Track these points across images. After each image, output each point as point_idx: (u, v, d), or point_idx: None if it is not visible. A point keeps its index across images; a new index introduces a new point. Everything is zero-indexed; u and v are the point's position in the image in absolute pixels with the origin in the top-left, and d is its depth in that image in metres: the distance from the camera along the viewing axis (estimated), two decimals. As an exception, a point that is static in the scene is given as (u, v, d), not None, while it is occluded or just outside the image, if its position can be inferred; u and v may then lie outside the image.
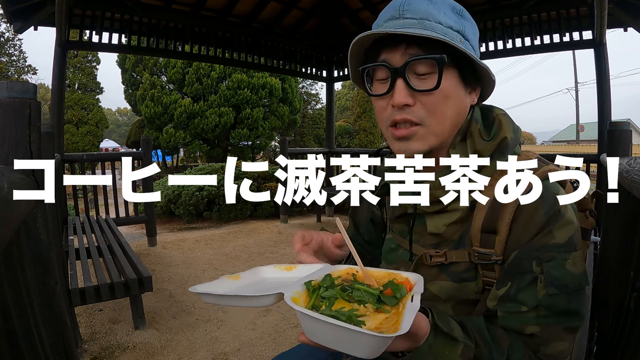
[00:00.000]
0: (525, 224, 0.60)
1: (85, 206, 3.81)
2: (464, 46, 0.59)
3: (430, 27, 0.59)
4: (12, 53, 15.55)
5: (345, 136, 17.16)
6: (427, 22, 0.59)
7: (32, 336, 0.80)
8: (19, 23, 3.49)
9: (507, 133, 0.64)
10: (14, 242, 0.78)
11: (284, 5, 4.59)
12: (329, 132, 5.84)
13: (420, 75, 0.60)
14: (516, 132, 0.66)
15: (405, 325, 0.41)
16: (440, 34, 0.58)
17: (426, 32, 0.57)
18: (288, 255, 3.69)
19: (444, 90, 0.60)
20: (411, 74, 0.61)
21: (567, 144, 27.62)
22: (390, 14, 0.62)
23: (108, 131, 33.29)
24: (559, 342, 0.59)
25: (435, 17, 0.60)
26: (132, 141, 15.42)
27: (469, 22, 0.64)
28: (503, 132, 0.64)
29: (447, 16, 0.61)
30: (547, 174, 0.62)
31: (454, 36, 0.60)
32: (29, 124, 0.96)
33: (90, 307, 2.43)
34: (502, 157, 0.64)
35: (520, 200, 0.60)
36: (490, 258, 0.63)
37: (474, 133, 0.65)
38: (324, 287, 0.52)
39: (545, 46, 3.70)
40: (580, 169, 2.69)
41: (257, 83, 12.90)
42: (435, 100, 0.60)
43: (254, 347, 2.05)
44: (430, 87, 0.59)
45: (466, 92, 0.64)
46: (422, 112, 0.61)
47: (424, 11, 0.60)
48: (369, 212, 0.87)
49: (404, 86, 0.60)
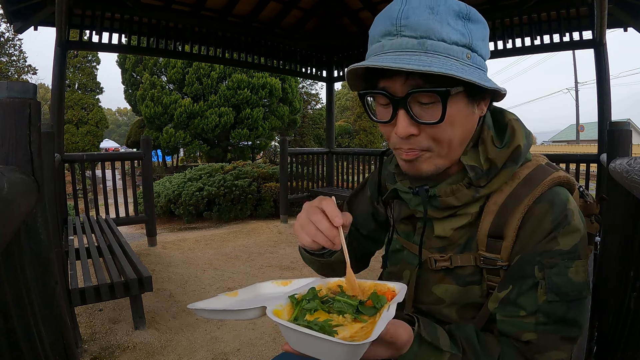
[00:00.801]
0: (533, 230, 0.60)
1: (85, 206, 3.81)
2: (471, 61, 0.56)
3: (432, 48, 0.54)
4: (12, 53, 15.56)
5: (345, 136, 17.16)
6: (429, 42, 0.54)
7: (32, 336, 0.80)
8: (19, 23, 3.48)
9: (520, 141, 0.62)
10: (14, 242, 0.78)
11: (284, 5, 4.59)
12: (329, 132, 5.84)
13: (424, 104, 0.57)
14: (528, 138, 0.64)
15: (375, 332, 0.43)
16: (444, 56, 0.54)
17: (427, 67, 0.51)
18: (288, 255, 3.69)
19: (449, 118, 0.57)
20: (414, 103, 0.57)
21: (567, 144, 27.62)
22: (387, 28, 0.56)
23: (108, 131, 33.30)
24: (555, 352, 0.59)
25: (437, 34, 0.54)
26: (132, 141, 15.42)
27: (477, 24, 0.58)
28: (517, 140, 0.62)
29: (451, 27, 0.54)
30: (557, 180, 0.62)
31: (459, 53, 0.55)
32: (29, 124, 0.96)
33: (90, 307, 2.44)
34: (515, 165, 0.62)
35: (529, 206, 0.60)
36: (496, 263, 0.63)
37: (487, 140, 0.63)
38: (307, 300, 0.54)
39: (545, 46, 3.70)
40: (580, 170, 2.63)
41: (257, 83, 12.90)
42: (440, 129, 0.58)
43: (254, 347, 2.05)
44: (434, 119, 0.56)
45: (473, 108, 0.60)
46: (427, 141, 0.59)
47: (424, 26, 0.54)
48: (370, 207, 0.86)
49: (406, 117, 0.57)
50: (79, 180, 8.09)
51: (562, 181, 0.63)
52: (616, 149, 2.12)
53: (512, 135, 0.63)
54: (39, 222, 1.01)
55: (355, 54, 5.34)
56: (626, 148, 2.10)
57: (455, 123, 0.58)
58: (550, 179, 0.61)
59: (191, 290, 2.81)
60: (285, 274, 3.17)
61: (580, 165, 3.45)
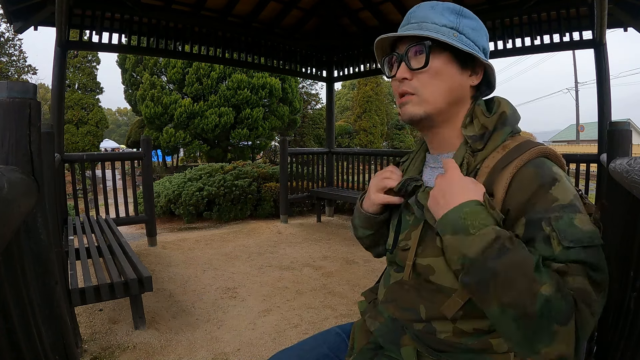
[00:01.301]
0: (521, 187, 0.65)
1: (85, 206, 3.81)
2: (457, 39, 0.73)
3: (426, 27, 0.74)
4: (12, 53, 15.54)
5: (345, 136, 17.16)
6: (424, 24, 0.75)
7: (32, 336, 0.80)
8: (19, 23, 3.48)
9: (505, 109, 0.75)
10: (14, 242, 0.78)
11: (284, 5, 4.59)
12: (329, 132, 5.84)
13: (416, 56, 0.75)
14: (514, 112, 0.77)
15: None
16: (432, 32, 0.73)
17: (415, 31, 0.73)
18: (288, 256, 3.69)
19: (433, 68, 0.74)
20: (411, 56, 0.76)
21: (567, 144, 27.61)
22: (403, 22, 0.80)
23: (108, 131, 33.30)
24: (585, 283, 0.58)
25: (431, 19, 0.75)
26: (132, 141, 15.43)
27: (469, 20, 0.76)
28: (502, 108, 0.75)
29: (443, 17, 0.74)
30: (547, 153, 0.69)
31: (447, 32, 0.73)
32: (29, 124, 0.96)
33: (90, 307, 2.44)
34: (504, 127, 0.74)
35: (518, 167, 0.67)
36: None
37: (478, 113, 0.76)
38: None
39: (545, 46, 3.70)
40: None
41: (257, 83, 12.90)
42: (426, 75, 0.75)
43: (254, 347, 2.05)
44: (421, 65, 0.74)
45: (462, 72, 0.75)
46: (416, 84, 0.75)
47: (423, 16, 0.75)
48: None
49: (403, 65, 0.76)
50: (79, 180, 8.09)
51: (549, 152, 0.70)
52: (616, 149, 2.11)
53: (498, 106, 0.77)
54: (39, 222, 1.01)
55: (356, 54, 5.34)
56: (626, 148, 2.10)
57: (439, 74, 0.74)
58: (538, 149, 0.69)
59: (191, 290, 2.81)
60: (285, 274, 3.18)
61: (580, 165, 3.45)
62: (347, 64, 5.50)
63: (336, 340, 0.94)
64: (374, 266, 3.37)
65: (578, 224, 0.61)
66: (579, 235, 0.60)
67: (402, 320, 0.77)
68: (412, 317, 0.76)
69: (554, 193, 0.63)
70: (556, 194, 0.63)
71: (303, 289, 2.84)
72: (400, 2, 4.36)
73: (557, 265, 0.60)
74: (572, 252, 0.59)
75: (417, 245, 0.76)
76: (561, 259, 0.60)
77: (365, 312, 0.88)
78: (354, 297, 2.68)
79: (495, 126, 0.74)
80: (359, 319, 0.92)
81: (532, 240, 0.63)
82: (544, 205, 0.63)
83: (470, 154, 0.74)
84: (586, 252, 0.60)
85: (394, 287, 0.81)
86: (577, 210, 0.62)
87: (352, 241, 4.21)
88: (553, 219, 0.61)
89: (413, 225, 0.79)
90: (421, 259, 0.75)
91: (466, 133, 0.75)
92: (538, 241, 0.62)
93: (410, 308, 0.76)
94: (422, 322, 0.74)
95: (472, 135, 0.74)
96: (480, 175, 0.71)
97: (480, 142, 0.73)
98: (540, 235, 0.62)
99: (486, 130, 0.74)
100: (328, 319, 2.37)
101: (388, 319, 0.80)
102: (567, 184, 0.65)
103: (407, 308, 0.77)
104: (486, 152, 0.73)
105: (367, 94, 17.44)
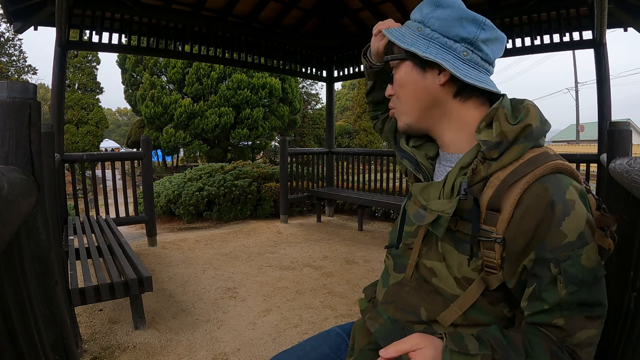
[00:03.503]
0: (530, 208, 0.61)
1: (85, 206, 3.81)
2: (420, 33, 0.71)
3: (404, 28, 0.75)
4: (12, 53, 15.55)
5: (345, 136, 17.16)
6: (406, 23, 0.76)
7: (32, 336, 0.80)
8: (19, 23, 3.48)
9: (533, 120, 0.66)
10: (14, 242, 0.78)
11: (284, 5, 4.59)
12: (329, 132, 5.84)
13: (393, 70, 0.77)
14: (543, 124, 0.68)
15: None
16: (396, 35, 0.73)
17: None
18: (288, 256, 3.69)
19: (397, 80, 0.75)
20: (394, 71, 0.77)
21: (567, 144, 27.61)
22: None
23: (108, 131, 33.30)
24: (583, 331, 0.61)
25: (412, 16, 0.74)
26: (132, 141, 15.43)
27: (442, 10, 0.70)
28: (529, 119, 0.66)
29: (420, 11, 0.73)
30: (562, 168, 0.64)
31: (414, 26, 0.72)
32: (29, 124, 0.96)
33: (90, 307, 2.44)
34: (526, 142, 0.65)
35: (529, 184, 0.62)
36: (491, 235, 0.65)
37: (500, 117, 0.67)
38: None
39: (545, 46, 3.70)
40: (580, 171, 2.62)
41: (257, 83, 12.91)
42: (397, 88, 0.76)
43: (254, 347, 2.05)
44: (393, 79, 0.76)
45: (425, 75, 0.72)
46: (394, 98, 0.78)
47: (412, 13, 0.75)
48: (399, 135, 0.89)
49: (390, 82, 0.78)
50: (79, 180, 8.10)
51: (564, 168, 0.64)
52: (616, 149, 2.11)
53: (526, 115, 0.67)
54: (39, 222, 1.01)
55: (355, 54, 5.34)
56: (626, 148, 2.10)
57: (403, 85, 0.74)
58: (554, 163, 0.63)
59: (191, 290, 2.81)
60: (285, 274, 3.17)
61: (580, 165, 3.45)
62: (347, 64, 5.49)
63: (337, 340, 0.94)
64: (374, 266, 3.37)
65: (584, 262, 0.60)
66: (583, 275, 0.60)
67: (402, 321, 0.77)
68: (412, 318, 0.75)
69: (564, 229, 0.60)
70: (567, 230, 0.60)
71: (303, 289, 2.84)
72: (400, 2, 4.36)
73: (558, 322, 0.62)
74: (575, 295, 0.60)
75: (422, 246, 0.75)
76: (566, 302, 0.61)
77: (365, 312, 0.88)
78: (354, 297, 2.68)
79: (517, 138, 0.65)
80: (359, 318, 0.92)
81: (539, 277, 0.62)
82: (553, 244, 0.61)
83: (481, 160, 0.67)
84: (590, 291, 0.61)
85: (394, 289, 0.80)
86: (586, 242, 0.60)
87: (352, 241, 4.21)
88: (561, 259, 0.60)
89: (420, 225, 0.76)
90: (425, 260, 0.75)
91: (479, 138, 0.67)
92: (546, 283, 0.62)
93: (411, 310, 0.76)
94: (422, 323, 0.74)
95: (486, 140, 0.66)
96: (489, 187, 0.66)
97: (495, 151, 0.65)
98: (548, 276, 0.62)
99: (505, 139, 0.65)
100: (328, 319, 2.37)
101: (388, 321, 0.79)
102: (579, 211, 0.60)
103: (407, 309, 0.76)
104: (500, 164, 0.65)
105: (367, 94, 17.41)
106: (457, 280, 0.70)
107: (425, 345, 0.63)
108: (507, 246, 0.64)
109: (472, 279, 0.68)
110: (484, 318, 0.69)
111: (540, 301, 0.63)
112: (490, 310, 0.69)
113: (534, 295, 0.63)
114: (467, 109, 0.72)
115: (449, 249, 0.70)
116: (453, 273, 0.70)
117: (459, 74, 0.67)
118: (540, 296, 0.63)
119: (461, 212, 0.68)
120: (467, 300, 0.69)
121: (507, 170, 0.65)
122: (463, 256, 0.68)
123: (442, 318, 0.71)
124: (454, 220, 0.69)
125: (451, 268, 0.70)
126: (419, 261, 0.76)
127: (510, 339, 0.63)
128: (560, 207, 0.60)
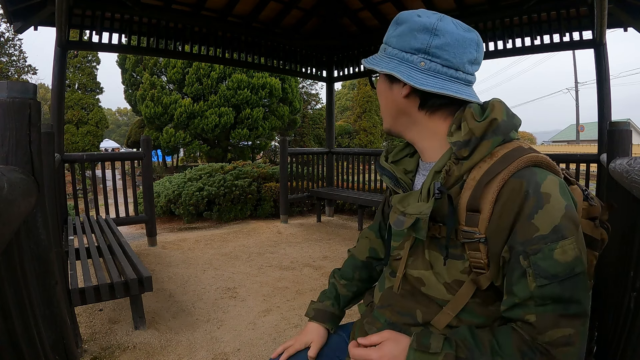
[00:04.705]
0: (507, 206, 0.62)
1: (85, 206, 3.81)
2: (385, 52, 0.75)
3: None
4: (12, 53, 15.54)
5: (345, 136, 17.16)
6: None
7: (32, 336, 0.80)
8: (19, 23, 3.48)
9: (498, 115, 0.67)
10: (14, 242, 0.78)
11: (284, 5, 4.59)
12: (329, 132, 5.84)
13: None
14: (510, 118, 0.69)
15: None
16: (380, 53, 0.77)
17: (367, 61, 0.77)
18: (288, 256, 3.69)
19: (377, 91, 0.81)
20: None
21: (567, 144, 27.62)
22: None
23: (108, 131, 33.30)
24: (556, 330, 0.60)
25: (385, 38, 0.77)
26: (132, 141, 15.43)
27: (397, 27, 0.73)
28: (494, 114, 0.68)
29: (387, 33, 0.76)
30: (537, 161, 0.64)
31: (381, 48, 0.77)
32: (29, 124, 0.96)
33: (90, 307, 2.44)
34: (494, 136, 0.66)
35: (504, 181, 0.63)
36: (474, 236, 0.65)
37: (468, 116, 0.69)
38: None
39: (545, 46, 3.70)
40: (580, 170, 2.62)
41: (257, 83, 12.90)
42: (378, 98, 0.82)
43: (254, 347, 2.05)
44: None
45: (392, 87, 0.76)
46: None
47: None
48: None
49: None
50: (79, 180, 8.09)
51: (539, 161, 0.65)
52: (616, 149, 2.11)
53: (492, 110, 0.68)
54: (39, 222, 1.01)
55: (355, 54, 5.34)
56: (626, 148, 2.10)
57: (380, 95, 0.80)
58: (527, 157, 0.64)
59: (191, 290, 2.81)
60: (285, 274, 3.18)
61: (580, 165, 3.45)
62: (347, 64, 5.49)
63: (337, 340, 0.94)
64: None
65: (558, 256, 0.59)
66: (556, 269, 0.59)
67: (399, 324, 0.77)
68: (408, 321, 0.76)
69: (535, 222, 0.60)
70: (538, 223, 0.60)
71: (303, 289, 2.84)
72: (400, 2, 4.36)
73: (530, 318, 0.61)
74: (546, 289, 0.59)
75: (408, 256, 0.76)
76: (537, 297, 0.60)
77: (364, 317, 0.88)
78: (354, 297, 2.68)
79: (485, 134, 0.67)
80: (359, 319, 0.92)
81: (512, 271, 0.63)
82: (524, 236, 0.61)
83: (454, 161, 0.69)
84: (562, 286, 0.59)
85: (389, 293, 0.81)
86: (561, 237, 0.59)
87: (352, 241, 4.21)
88: (531, 253, 0.60)
89: (407, 235, 0.78)
90: (412, 270, 0.75)
91: (451, 140, 0.69)
92: (516, 275, 0.62)
93: (407, 313, 0.76)
94: (419, 325, 0.74)
95: (456, 141, 0.68)
96: (466, 189, 0.67)
97: (465, 150, 0.67)
98: (518, 269, 0.61)
99: (473, 136, 0.67)
100: (328, 319, 2.37)
101: (385, 324, 0.80)
102: (554, 205, 0.60)
103: (403, 312, 0.77)
104: (472, 162, 0.67)
105: (367, 93, 17.43)
106: (447, 286, 0.70)
107: (393, 339, 0.71)
108: (489, 244, 0.65)
109: (462, 281, 0.69)
110: (477, 320, 0.69)
111: (512, 295, 0.63)
112: (483, 312, 0.69)
113: (507, 289, 0.64)
114: (434, 121, 0.74)
115: (436, 255, 0.71)
116: (442, 279, 0.70)
117: (412, 82, 0.69)
118: (511, 290, 0.63)
119: (442, 218, 0.69)
120: (458, 303, 0.69)
121: (481, 169, 0.66)
122: (451, 260, 0.69)
123: (436, 321, 0.72)
124: (437, 228, 0.70)
125: (440, 275, 0.70)
126: (406, 272, 0.76)
127: (478, 339, 0.64)
128: (533, 200, 0.61)
